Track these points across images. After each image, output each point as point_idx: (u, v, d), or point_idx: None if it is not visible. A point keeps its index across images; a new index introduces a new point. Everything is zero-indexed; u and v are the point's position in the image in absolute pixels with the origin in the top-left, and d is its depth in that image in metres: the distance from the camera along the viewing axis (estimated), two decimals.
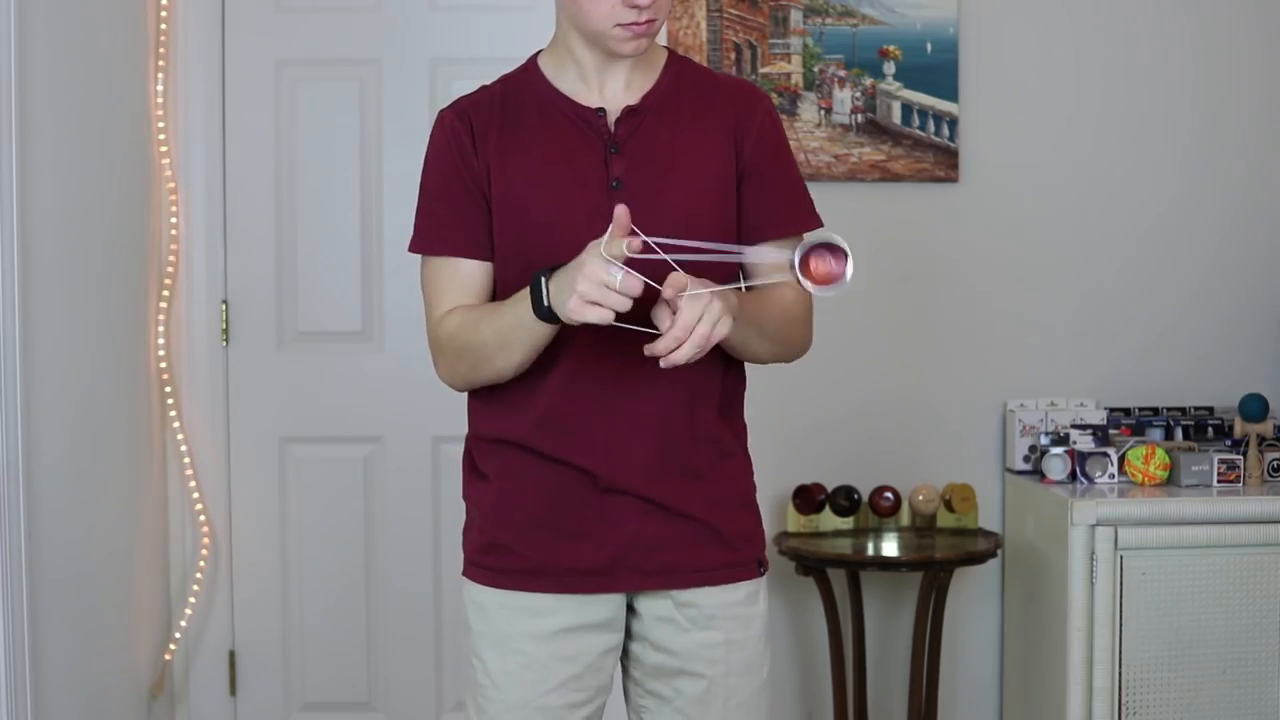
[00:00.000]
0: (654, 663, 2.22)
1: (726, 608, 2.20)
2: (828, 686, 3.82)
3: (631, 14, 2.07)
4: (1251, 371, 3.94)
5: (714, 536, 2.20)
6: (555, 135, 2.17)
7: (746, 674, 2.22)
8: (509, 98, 2.21)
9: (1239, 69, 3.97)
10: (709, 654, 2.20)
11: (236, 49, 3.87)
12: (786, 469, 3.87)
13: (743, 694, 2.22)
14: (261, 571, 3.92)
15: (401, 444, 3.91)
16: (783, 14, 3.89)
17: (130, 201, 3.67)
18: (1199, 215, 3.98)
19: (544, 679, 2.18)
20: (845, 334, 3.92)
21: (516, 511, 2.19)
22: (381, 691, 3.95)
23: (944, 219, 3.94)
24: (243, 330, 3.90)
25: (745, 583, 2.22)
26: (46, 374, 3.04)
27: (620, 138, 2.16)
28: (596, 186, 2.14)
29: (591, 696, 2.21)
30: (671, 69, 2.22)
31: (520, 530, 2.19)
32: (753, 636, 2.23)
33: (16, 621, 2.86)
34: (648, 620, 2.21)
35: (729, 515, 2.23)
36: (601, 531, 2.16)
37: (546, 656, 2.18)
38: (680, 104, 2.19)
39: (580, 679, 2.19)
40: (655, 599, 2.20)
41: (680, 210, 2.14)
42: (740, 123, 2.20)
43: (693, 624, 2.19)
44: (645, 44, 2.13)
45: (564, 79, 2.19)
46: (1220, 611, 3.42)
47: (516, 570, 2.19)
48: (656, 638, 2.21)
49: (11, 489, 2.85)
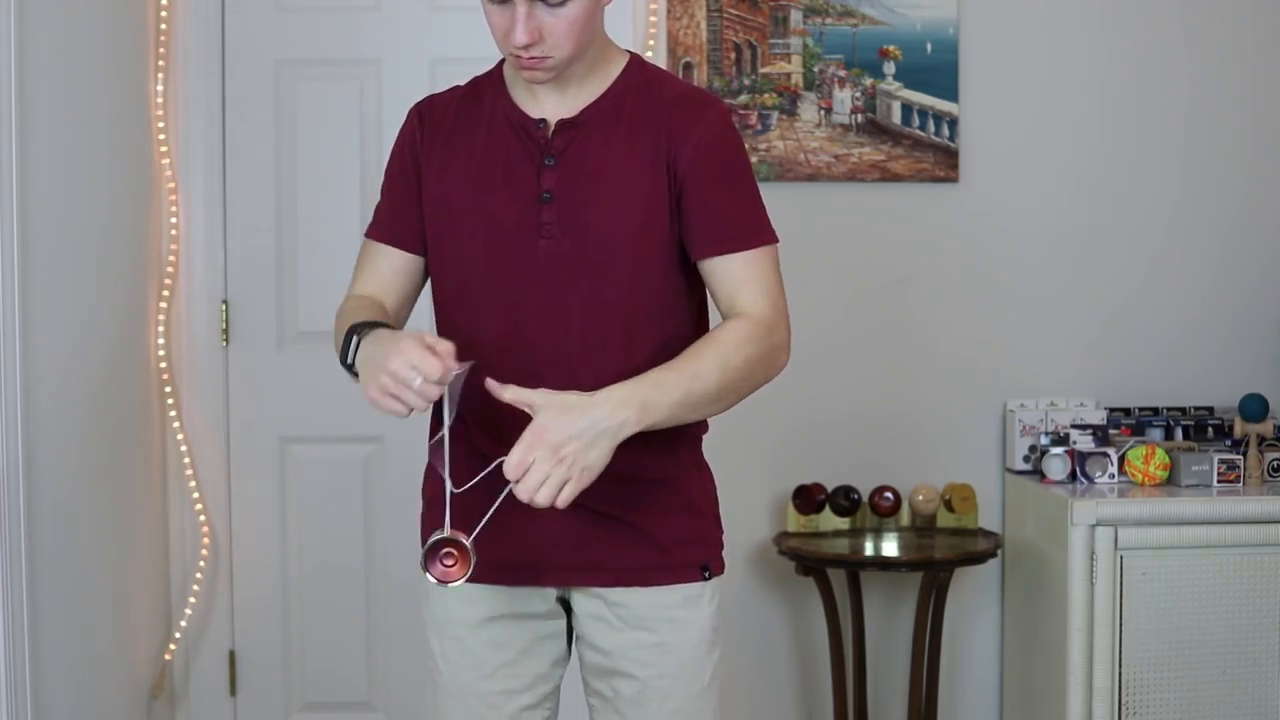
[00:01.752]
0: (591, 661, 2.23)
1: (660, 609, 2.19)
2: (828, 686, 3.82)
3: (514, 48, 2.05)
4: (1251, 371, 3.94)
5: (644, 539, 2.19)
6: (497, 142, 2.17)
7: (683, 678, 2.20)
8: (468, 100, 2.23)
9: (1239, 70, 3.97)
10: (641, 655, 2.19)
11: (236, 49, 3.87)
12: (786, 469, 3.87)
13: (680, 698, 2.19)
14: (261, 571, 3.92)
15: (401, 444, 3.91)
16: (783, 14, 3.89)
17: (130, 201, 3.67)
18: (1199, 215, 3.98)
19: (477, 665, 2.21)
20: (845, 334, 3.92)
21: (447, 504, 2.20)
22: (381, 691, 3.95)
23: (944, 219, 3.94)
24: (243, 330, 3.90)
25: (682, 585, 2.20)
26: (46, 374, 3.04)
27: (556, 150, 2.14)
28: (527, 197, 2.13)
29: (529, 684, 2.22)
30: (624, 80, 2.18)
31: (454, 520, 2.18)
32: (690, 640, 2.20)
33: (16, 621, 2.86)
34: (582, 618, 2.22)
35: (664, 518, 2.20)
36: (529, 526, 2.14)
37: (478, 643, 2.21)
38: (619, 118, 2.15)
39: (513, 665, 2.21)
40: (588, 597, 2.21)
41: (603, 227, 2.12)
42: (674, 139, 2.13)
43: (624, 623, 2.19)
44: (541, 76, 2.09)
45: (517, 87, 2.19)
46: (1220, 611, 3.42)
47: None
48: (591, 636, 2.22)
49: (11, 489, 2.85)
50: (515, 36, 2.03)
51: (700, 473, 2.28)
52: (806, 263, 3.90)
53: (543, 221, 2.12)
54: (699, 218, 2.14)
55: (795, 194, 3.86)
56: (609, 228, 2.12)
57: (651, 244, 2.14)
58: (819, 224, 3.87)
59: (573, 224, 2.11)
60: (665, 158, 2.13)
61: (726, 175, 2.15)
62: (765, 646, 3.94)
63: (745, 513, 3.86)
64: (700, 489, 2.27)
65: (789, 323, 2.18)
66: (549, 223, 2.12)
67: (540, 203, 2.13)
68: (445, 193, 2.18)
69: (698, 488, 2.26)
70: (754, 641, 3.92)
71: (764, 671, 3.94)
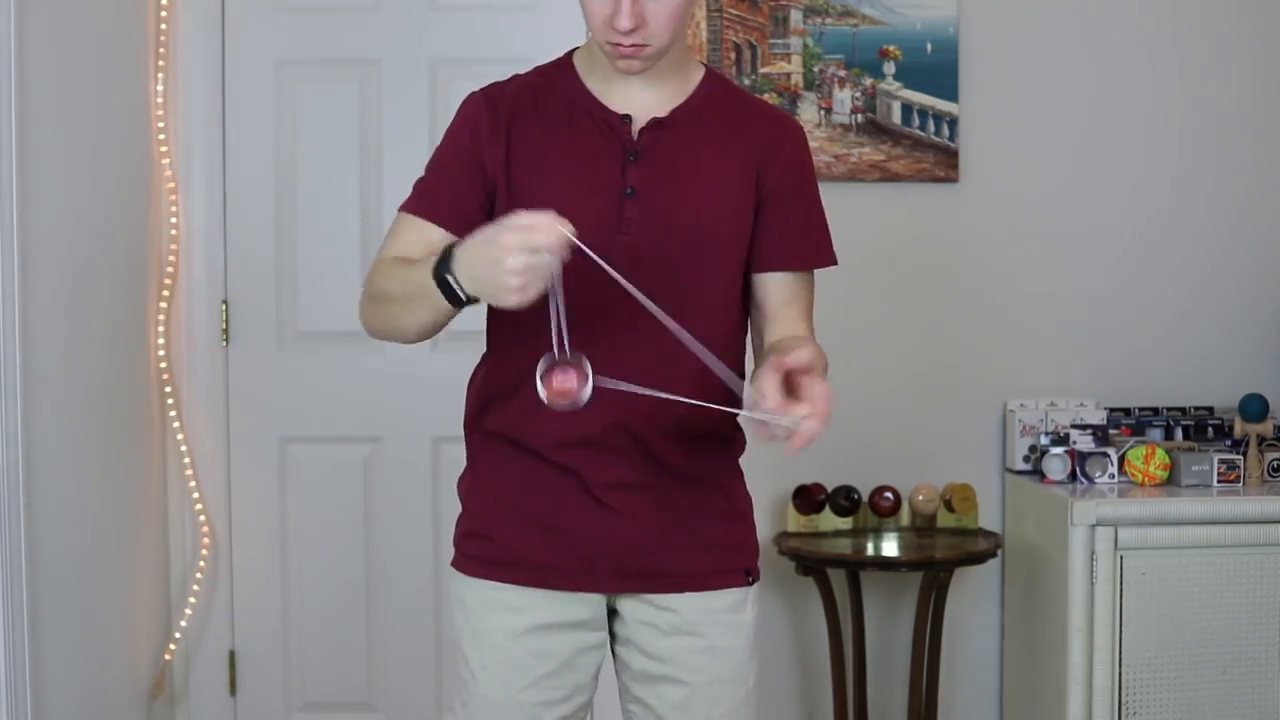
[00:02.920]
0: (638, 667, 2.21)
1: (710, 614, 2.19)
2: (828, 686, 3.82)
3: (616, 35, 2.06)
4: (1251, 371, 3.94)
5: (696, 543, 2.19)
6: (577, 134, 2.15)
7: (730, 683, 2.21)
8: (540, 90, 2.19)
9: (1239, 69, 3.97)
10: (692, 660, 2.18)
11: (236, 49, 3.87)
12: (786, 469, 3.86)
13: (727, 703, 2.20)
14: (261, 571, 3.92)
15: (401, 444, 3.91)
16: (783, 14, 3.89)
17: (130, 201, 3.67)
18: (1199, 215, 3.98)
19: (519, 675, 2.17)
20: (845, 334, 3.92)
21: (498, 502, 2.20)
22: (381, 691, 3.95)
23: (944, 219, 3.94)
24: (243, 330, 3.90)
25: (730, 590, 2.21)
26: (46, 374, 3.04)
27: (641, 147, 2.14)
28: (609, 192, 2.12)
29: (568, 695, 2.20)
30: (706, 86, 2.20)
31: (500, 520, 2.18)
32: (738, 645, 2.22)
33: (16, 621, 2.86)
34: (630, 623, 2.20)
35: (714, 523, 2.21)
36: (582, 529, 2.15)
37: (521, 653, 2.17)
38: (708, 122, 2.18)
39: (555, 676, 2.18)
40: (635, 602, 2.19)
41: (689, 226, 2.13)
42: (766, 150, 2.18)
43: (674, 629, 2.18)
44: (637, 65, 2.10)
45: (593, 79, 2.18)
46: (1220, 611, 3.42)
47: (493, 560, 2.19)
48: (640, 641, 2.20)
49: (11, 489, 2.85)
50: (620, 21, 2.03)
51: (742, 481, 2.30)
52: None
53: (625, 217, 2.12)
54: (775, 232, 2.18)
55: None
56: (692, 228, 2.13)
57: (730, 247, 2.17)
58: None
59: (656, 221, 2.11)
60: (755, 166, 2.17)
61: (807, 194, 2.23)
62: (765, 646, 3.92)
63: None
64: (743, 495, 2.29)
65: None
66: (630, 218, 2.11)
67: (623, 197, 2.12)
68: (522, 179, 2.14)
69: (742, 494, 2.29)
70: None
71: (764, 671, 3.91)
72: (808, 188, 2.23)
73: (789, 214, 2.19)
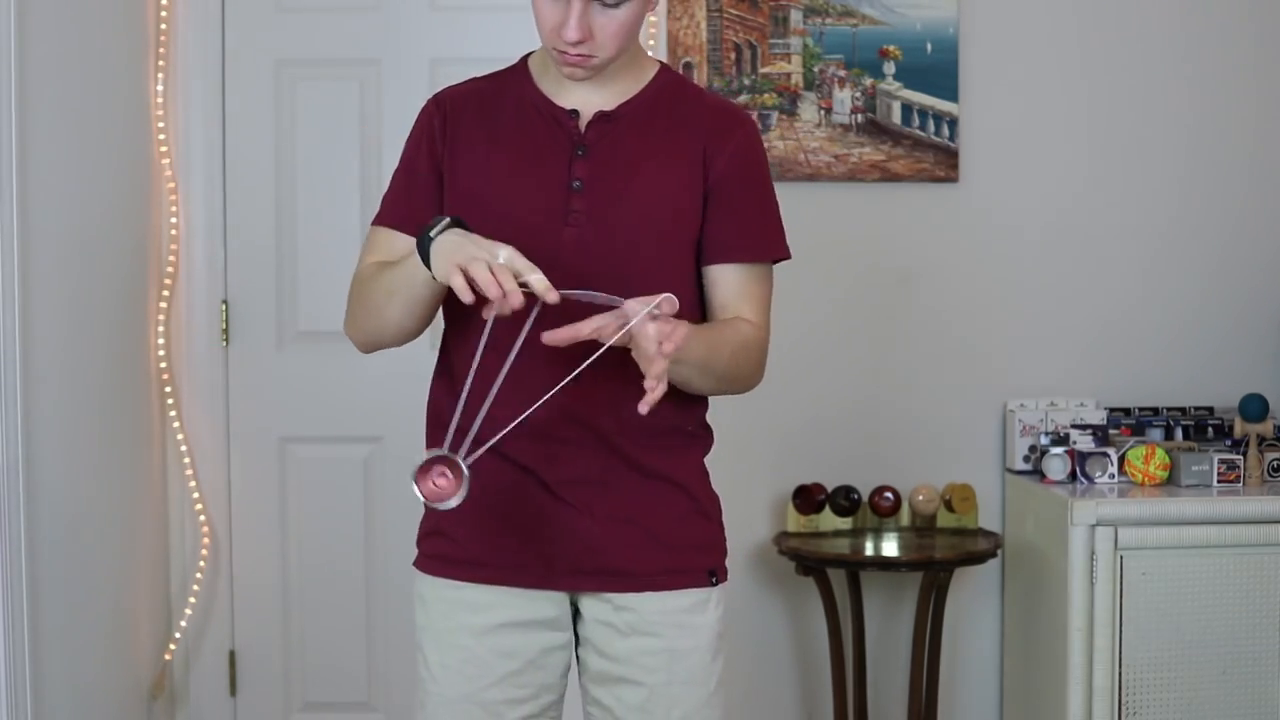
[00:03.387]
0: (596, 668, 2.20)
1: (668, 615, 2.17)
2: (828, 686, 3.82)
3: (562, 44, 2.07)
4: (1251, 371, 3.94)
5: (656, 542, 2.18)
6: (525, 132, 2.17)
7: (690, 684, 2.18)
8: (491, 92, 2.23)
9: (1239, 69, 3.97)
10: (649, 661, 2.17)
11: (236, 49, 3.87)
12: (786, 469, 3.87)
13: (686, 705, 2.18)
14: (261, 571, 3.92)
15: (401, 444, 3.90)
16: (783, 14, 3.89)
17: (130, 201, 3.67)
18: (1199, 215, 3.98)
19: (483, 674, 2.17)
20: (845, 334, 3.92)
21: None
22: (381, 691, 3.95)
23: (944, 219, 3.94)
24: (243, 330, 3.90)
25: (691, 590, 2.19)
26: (46, 374, 3.04)
27: (589, 140, 2.15)
28: (556, 185, 2.13)
29: (534, 694, 2.19)
30: (658, 82, 2.21)
31: (461, 519, 2.17)
32: (698, 647, 2.19)
33: (16, 621, 2.86)
34: (589, 623, 2.20)
35: (676, 522, 2.20)
36: (540, 527, 2.15)
37: (485, 651, 2.17)
38: (657, 116, 2.18)
39: (520, 675, 2.18)
40: (595, 602, 2.18)
41: (637, 217, 2.13)
42: (713, 142, 2.17)
43: (632, 629, 2.17)
44: (581, 74, 2.11)
45: (546, 79, 2.20)
46: (1220, 611, 3.42)
47: (455, 559, 2.19)
48: (598, 642, 2.19)
49: (11, 489, 2.85)
50: (567, 32, 2.04)
51: (708, 480, 2.28)
52: (806, 263, 3.87)
53: (571, 209, 2.12)
54: (722, 224, 2.17)
55: (795, 194, 3.85)
56: (639, 220, 2.13)
57: (678, 240, 2.17)
58: (819, 224, 3.86)
59: (602, 213, 2.11)
60: (702, 159, 2.16)
61: (756, 187, 2.21)
62: (765, 646, 3.94)
63: (745, 513, 3.86)
64: (708, 495, 2.27)
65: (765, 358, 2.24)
66: (577, 210, 2.12)
67: (570, 191, 2.13)
68: (472, 181, 2.17)
69: (706, 493, 2.27)
70: (754, 641, 3.92)
71: (764, 671, 3.94)
72: (757, 180, 2.21)
73: (736, 206, 2.18)
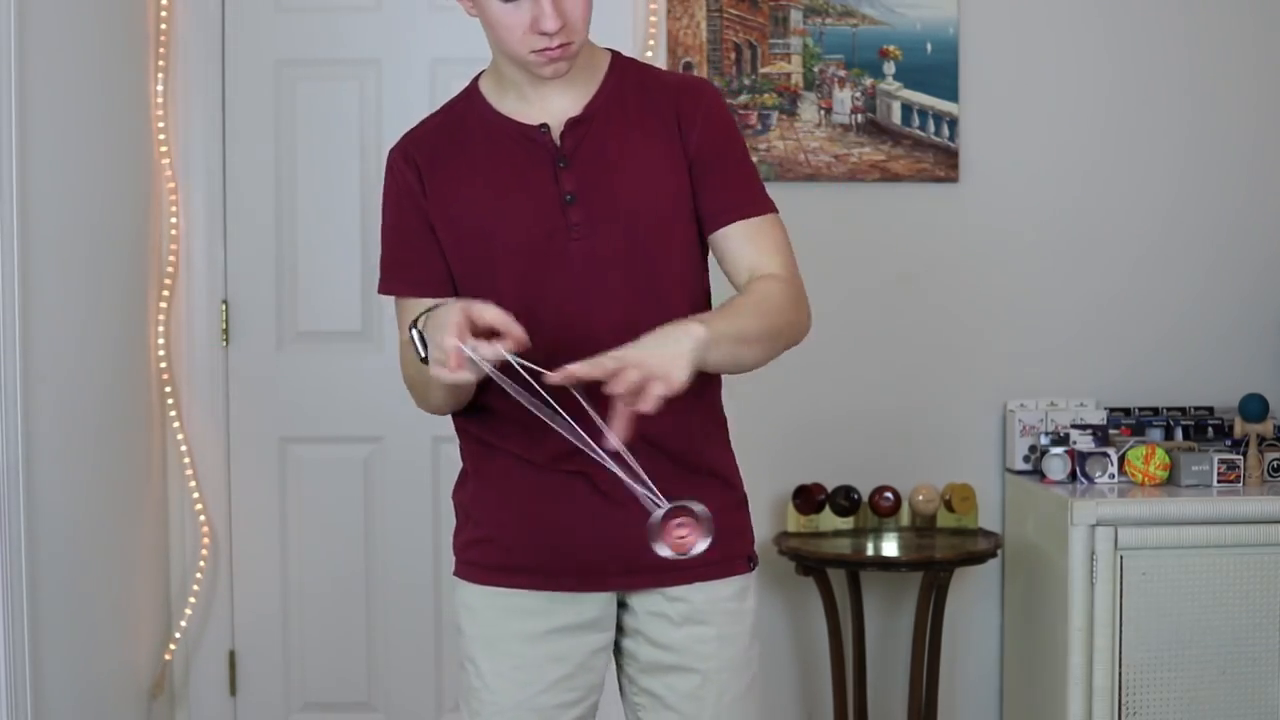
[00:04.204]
0: (648, 658, 2.22)
1: (718, 603, 2.21)
2: (828, 686, 3.82)
3: (542, 40, 2.06)
4: (1251, 371, 3.94)
5: None
6: (502, 159, 2.15)
7: (737, 670, 2.24)
8: (453, 128, 2.21)
9: (1238, 69, 3.97)
10: (702, 649, 2.20)
11: (236, 49, 3.87)
12: (786, 469, 3.87)
13: (734, 690, 2.23)
14: (261, 571, 3.92)
15: (401, 444, 3.91)
16: (783, 14, 3.89)
17: (130, 201, 3.67)
18: (1199, 215, 3.98)
19: (535, 679, 2.18)
20: (845, 334, 3.92)
21: (504, 509, 2.20)
22: (381, 691, 3.95)
23: (944, 219, 3.94)
24: (243, 330, 3.90)
25: (735, 578, 2.23)
26: (46, 374, 3.04)
27: (567, 150, 2.14)
28: (550, 203, 2.12)
29: (583, 696, 2.22)
30: (615, 73, 2.20)
31: (508, 526, 2.19)
32: (743, 632, 2.25)
33: (16, 621, 2.86)
34: (641, 615, 2.21)
35: (720, 512, 2.17)
36: (591, 532, 2.16)
37: (538, 657, 2.18)
38: (625, 108, 2.17)
39: (572, 679, 2.19)
40: (646, 594, 2.20)
41: (634, 212, 2.13)
42: (683, 115, 2.17)
43: (685, 619, 2.19)
44: (565, 66, 2.10)
45: (505, 101, 2.18)
46: (1220, 611, 3.42)
47: (504, 566, 2.19)
48: (651, 633, 2.21)
49: (11, 489, 2.85)
50: (547, 22, 2.03)
51: (736, 465, 2.31)
52: (806, 263, 3.88)
53: (571, 223, 2.12)
54: (715, 189, 2.18)
55: (795, 194, 3.86)
56: (638, 213, 2.13)
57: (678, 220, 2.17)
58: (819, 224, 3.86)
59: (602, 219, 2.11)
60: (677, 134, 2.16)
61: (732, 150, 2.21)
62: (765, 646, 3.89)
63: None
64: (740, 481, 2.30)
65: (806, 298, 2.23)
66: (577, 223, 2.12)
67: (565, 205, 2.12)
68: (467, 218, 2.15)
69: (739, 480, 2.30)
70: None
71: (764, 671, 3.91)
72: (733, 140, 2.22)
73: (721, 168, 2.18)
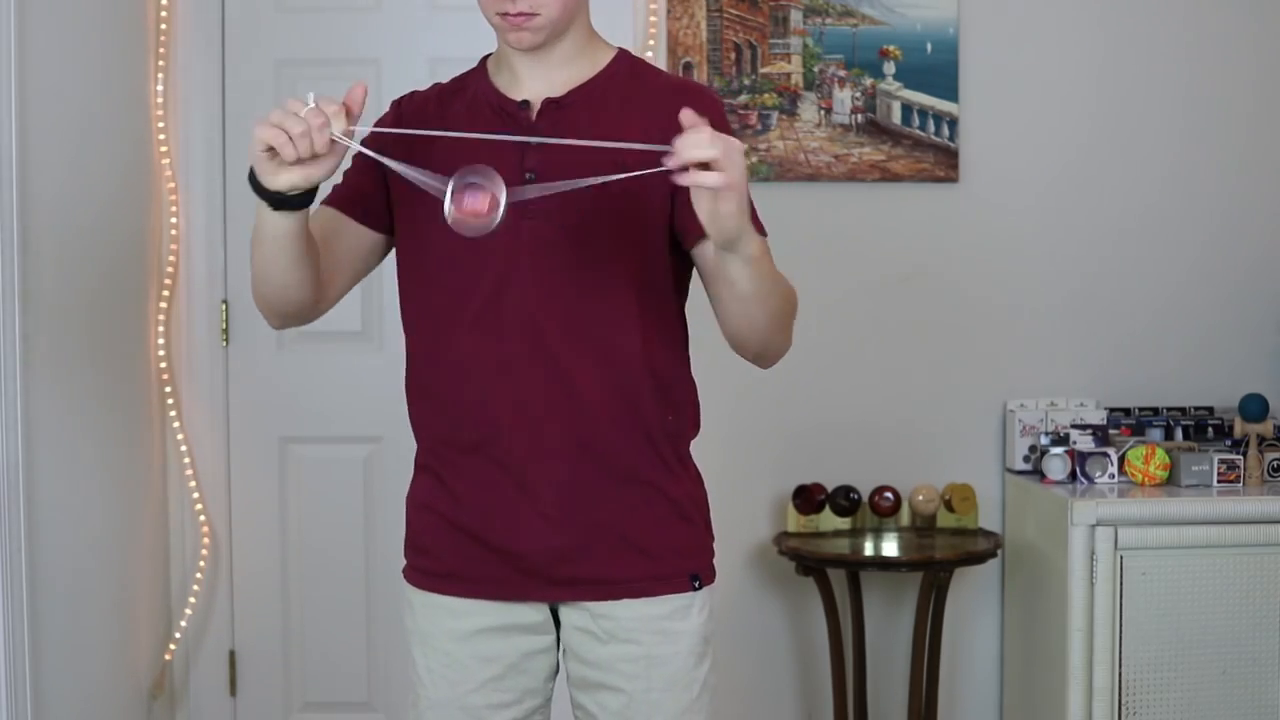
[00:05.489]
0: (577, 674, 2.19)
1: (648, 621, 2.14)
2: (828, 686, 3.82)
3: (506, 4, 2.05)
4: (1251, 371, 3.94)
5: (631, 549, 2.14)
6: (477, 126, 2.11)
7: (670, 691, 2.15)
8: (448, 92, 2.22)
9: (1236, 69, 3.97)
10: (628, 668, 2.14)
11: (236, 49, 3.87)
12: (786, 469, 3.87)
13: (667, 711, 2.15)
14: (261, 571, 3.92)
15: (401, 444, 3.87)
16: (783, 14, 3.89)
17: (130, 201, 3.67)
18: (1199, 215, 3.98)
19: (464, 678, 2.17)
20: (845, 334, 3.92)
21: (434, 515, 2.20)
22: (381, 691, 3.95)
23: (944, 219, 3.94)
24: (243, 330, 3.90)
25: (671, 596, 2.16)
26: (46, 374, 3.04)
27: (539, 130, 2.10)
28: (511, 177, 2.02)
29: (517, 699, 2.19)
30: (613, 67, 2.17)
31: (437, 534, 2.19)
32: (679, 652, 2.16)
33: (16, 621, 2.86)
34: (568, 630, 2.18)
35: (653, 526, 2.16)
36: (514, 541, 2.13)
37: (466, 656, 2.17)
38: (608, 99, 2.14)
39: (502, 680, 2.17)
40: (574, 609, 2.17)
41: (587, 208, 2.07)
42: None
43: (610, 636, 2.15)
44: (528, 38, 2.08)
45: (500, 75, 2.18)
46: (1220, 611, 3.42)
47: (435, 573, 2.20)
48: (577, 649, 2.18)
49: (11, 489, 2.85)
50: None
51: (688, 476, 2.22)
52: (806, 263, 3.88)
53: (526, 202, 2.04)
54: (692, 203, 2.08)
55: (795, 194, 3.87)
56: (594, 208, 2.08)
57: (642, 220, 2.11)
58: (819, 224, 3.87)
59: (557, 204, 2.04)
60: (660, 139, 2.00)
61: None
62: (765, 646, 3.94)
63: (745, 513, 3.86)
64: (688, 494, 2.21)
65: None
66: (533, 203, 2.04)
67: (524, 181, 2.07)
68: None
69: (686, 492, 2.20)
70: (754, 641, 3.92)
71: (764, 671, 3.94)
72: None
73: None
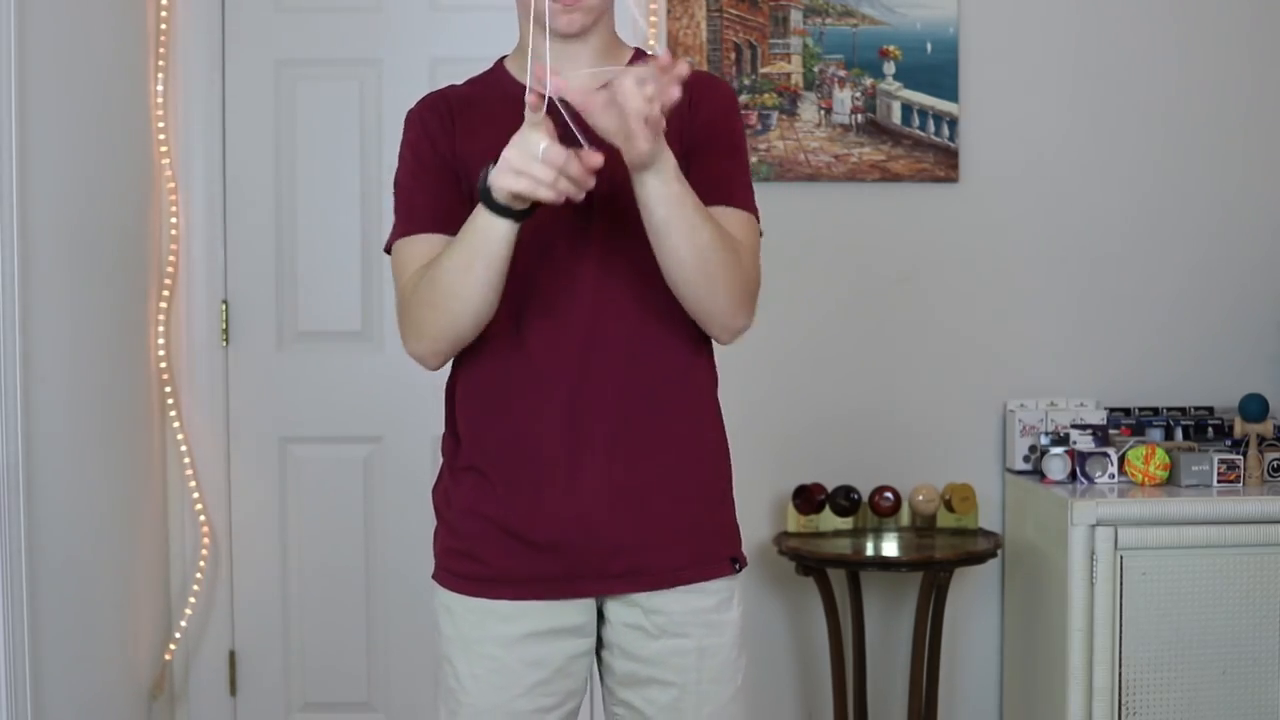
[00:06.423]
0: (624, 671, 2.20)
1: (697, 614, 2.18)
2: (828, 686, 3.82)
3: None
4: (1251, 371, 3.94)
5: (681, 533, 2.18)
6: (517, 121, 2.10)
7: (718, 682, 2.20)
8: (476, 92, 2.25)
9: (1235, 69, 3.97)
10: (679, 661, 2.17)
11: (236, 49, 3.87)
12: (786, 469, 3.87)
13: (715, 703, 2.19)
14: (261, 571, 3.92)
15: (401, 444, 3.91)
16: (783, 14, 3.89)
17: (130, 201, 3.67)
18: (1199, 215, 3.98)
19: (512, 683, 2.17)
20: (845, 334, 3.92)
21: (479, 519, 2.19)
22: (381, 691, 3.95)
23: (944, 219, 3.94)
24: (243, 330, 3.90)
25: (717, 585, 2.19)
26: (46, 374, 3.04)
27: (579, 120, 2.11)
28: None
29: (561, 701, 2.20)
30: (634, 64, 2.20)
31: (482, 538, 2.18)
32: (725, 644, 2.20)
33: (16, 621, 2.86)
34: (617, 627, 2.19)
35: (699, 510, 2.20)
36: (564, 537, 2.14)
37: (514, 661, 2.17)
38: None
39: (549, 684, 2.18)
40: (623, 606, 2.18)
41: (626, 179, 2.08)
42: (695, 100, 2.15)
43: (662, 631, 2.17)
44: (578, 20, 2.14)
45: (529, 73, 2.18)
46: (1220, 611, 3.43)
47: (481, 577, 2.19)
48: (626, 645, 2.19)
49: (11, 489, 2.85)
50: None
51: (726, 463, 2.28)
52: (806, 263, 3.91)
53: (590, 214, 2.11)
54: (700, 176, 2.13)
55: (795, 194, 3.87)
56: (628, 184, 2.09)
57: None
58: (819, 224, 3.87)
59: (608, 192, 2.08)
60: (682, 123, 2.14)
61: (732, 147, 2.21)
62: (765, 646, 3.94)
63: (745, 513, 3.82)
64: (725, 482, 2.27)
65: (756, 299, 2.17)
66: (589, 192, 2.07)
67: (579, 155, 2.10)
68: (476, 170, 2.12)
69: (724, 481, 2.27)
70: (754, 641, 3.91)
71: (764, 671, 3.94)
72: (734, 136, 2.21)
73: (712, 161, 2.16)
